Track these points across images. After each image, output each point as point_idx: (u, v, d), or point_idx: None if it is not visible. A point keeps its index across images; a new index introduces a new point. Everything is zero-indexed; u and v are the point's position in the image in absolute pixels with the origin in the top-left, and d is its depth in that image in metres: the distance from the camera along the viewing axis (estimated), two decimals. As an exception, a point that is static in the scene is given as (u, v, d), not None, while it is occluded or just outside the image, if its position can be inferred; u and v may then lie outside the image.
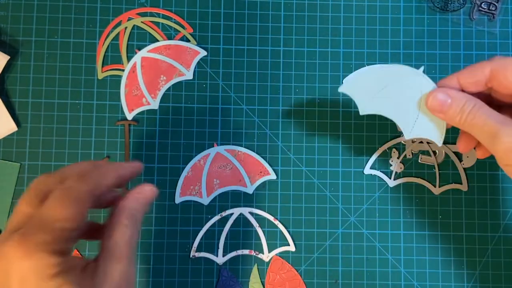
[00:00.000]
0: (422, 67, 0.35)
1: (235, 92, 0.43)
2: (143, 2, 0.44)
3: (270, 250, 0.42)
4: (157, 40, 0.43)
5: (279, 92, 0.43)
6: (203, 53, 0.43)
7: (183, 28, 0.44)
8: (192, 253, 0.42)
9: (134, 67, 0.43)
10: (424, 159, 0.43)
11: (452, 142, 0.43)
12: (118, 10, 0.44)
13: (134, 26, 0.44)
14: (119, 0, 0.44)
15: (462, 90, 0.33)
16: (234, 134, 0.43)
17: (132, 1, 0.44)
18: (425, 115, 0.35)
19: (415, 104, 0.35)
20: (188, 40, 0.44)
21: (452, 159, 0.43)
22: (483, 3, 0.44)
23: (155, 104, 0.43)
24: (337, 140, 0.43)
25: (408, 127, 0.36)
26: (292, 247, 0.42)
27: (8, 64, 0.42)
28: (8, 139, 0.42)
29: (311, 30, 0.44)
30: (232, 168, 0.43)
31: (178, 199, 0.42)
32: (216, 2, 0.44)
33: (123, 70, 0.43)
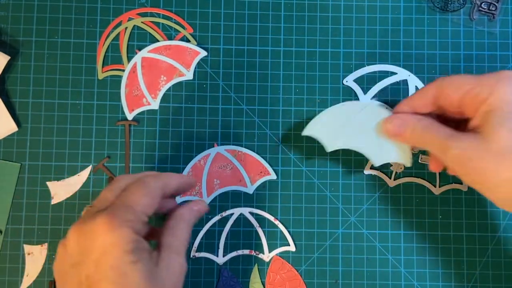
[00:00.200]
0: (374, 98, 0.38)
1: (235, 92, 0.43)
2: (144, 2, 0.44)
3: (270, 250, 0.42)
4: (157, 40, 0.44)
5: (279, 92, 0.43)
6: (203, 53, 0.43)
7: (183, 28, 0.44)
8: (192, 253, 0.42)
9: (135, 67, 0.43)
10: (424, 159, 0.43)
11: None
12: (118, 10, 0.44)
13: (135, 26, 0.44)
14: (120, 1, 0.44)
15: (416, 112, 0.36)
16: (234, 134, 0.43)
17: (132, 1, 0.44)
18: (388, 140, 0.38)
19: (377, 132, 0.38)
20: (188, 40, 0.44)
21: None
22: (483, 3, 0.44)
23: (155, 104, 0.43)
24: (337, 140, 0.43)
25: (375, 155, 0.38)
26: (292, 247, 0.42)
27: (9, 64, 0.42)
28: (9, 139, 0.42)
29: (311, 30, 0.44)
30: (233, 168, 0.43)
31: (179, 199, 0.42)
32: (216, 2, 0.44)
33: (124, 70, 0.43)
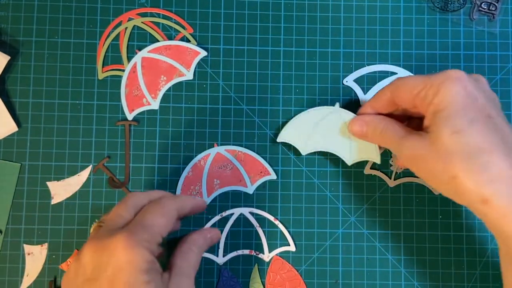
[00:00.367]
0: (337, 103, 0.41)
1: (236, 92, 0.43)
2: (144, 2, 0.44)
3: (270, 250, 0.42)
4: (157, 41, 0.44)
5: (279, 92, 0.43)
6: (203, 53, 0.43)
7: (184, 28, 0.44)
8: (192, 253, 0.42)
9: (135, 67, 0.43)
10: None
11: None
12: (118, 10, 0.44)
13: (135, 26, 0.44)
14: (120, 1, 0.44)
15: (378, 113, 0.38)
16: (234, 134, 0.43)
17: (132, 1, 0.44)
18: (356, 141, 0.40)
19: (345, 134, 0.40)
20: (188, 41, 0.44)
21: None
22: (483, 3, 0.44)
23: (155, 105, 0.43)
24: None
25: (347, 155, 0.41)
26: (292, 247, 0.42)
27: (9, 65, 0.42)
28: (9, 139, 0.42)
29: (311, 30, 0.44)
30: (233, 168, 0.43)
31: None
32: (216, 2, 0.44)
33: (124, 71, 0.43)
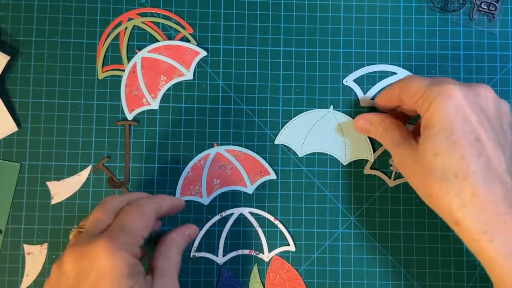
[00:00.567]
0: (331, 106, 0.42)
1: (235, 92, 0.43)
2: (144, 2, 0.44)
3: (270, 250, 0.42)
4: (157, 40, 0.44)
5: (279, 92, 0.43)
6: (203, 53, 0.43)
7: (183, 28, 0.44)
8: (192, 253, 0.42)
9: (135, 67, 0.43)
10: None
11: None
12: (118, 10, 0.44)
13: (134, 26, 0.44)
14: (120, 1, 0.44)
15: (388, 105, 0.40)
16: (234, 134, 0.43)
17: (132, 1, 0.44)
18: (350, 140, 0.42)
19: (339, 134, 0.42)
20: (188, 41, 0.44)
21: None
22: (483, 3, 0.44)
23: (155, 104, 0.43)
24: (337, 140, 0.43)
25: (342, 155, 0.42)
26: (292, 247, 0.42)
27: (9, 64, 0.42)
28: (9, 139, 0.42)
29: (311, 30, 0.44)
30: (232, 168, 0.43)
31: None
32: (216, 2, 0.44)
33: (123, 70, 0.43)
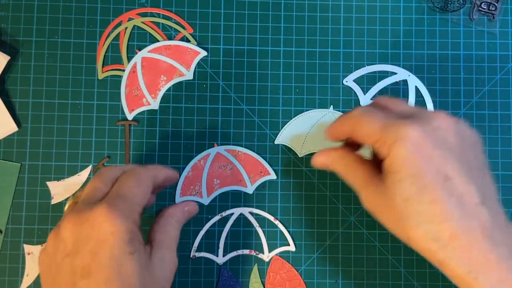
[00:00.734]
0: (331, 106, 0.42)
1: (235, 92, 0.43)
2: (144, 2, 0.44)
3: (270, 250, 0.42)
4: (157, 40, 0.44)
5: (279, 92, 0.43)
6: (203, 53, 0.43)
7: (184, 28, 0.44)
8: (192, 253, 0.42)
9: (135, 67, 0.43)
10: None
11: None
12: (118, 10, 0.44)
13: (135, 26, 0.44)
14: (120, 1, 0.44)
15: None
16: (234, 134, 0.43)
17: (132, 1, 0.44)
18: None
19: None
20: (188, 41, 0.44)
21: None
22: (483, 3, 0.44)
23: (155, 104, 0.43)
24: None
25: None
26: (292, 247, 0.42)
27: (9, 65, 0.42)
28: (9, 139, 0.42)
29: (311, 30, 0.44)
30: (232, 168, 0.43)
31: (179, 199, 0.42)
32: (216, 2, 0.44)
33: (124, 70, 0.43)
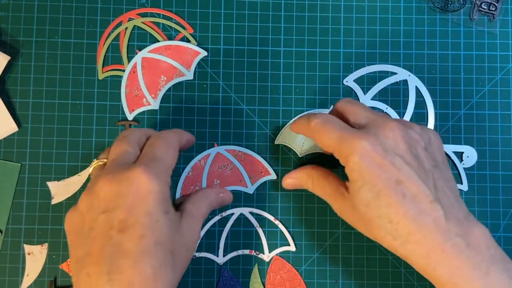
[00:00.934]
0: (331, 107, 0.41)
1: (236, 92, 0.43)
2: (144, 2, 0.44)
3: (270, 250, 0.42)
4: (157, 41, 0.44)
5: (279, 92, 0.43)
6: (203, 53, 0.43)
7: (184, 28, 0.44)
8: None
9: (135, 67, 0.43)
10: None
11: (452, 143, 0.43)
12: (118, 10, 0.44)
13: (135, 26, 0.44)
14: (120, 1, 0.44)
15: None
16: (234, 134, 0.43)
17: (132, 1, 0.44)
18: None
19: None
20: (188, 41, 0.44)
21: (452, 159, 0.43)
22: (483, 4, 0.44)
23: (155, 105, 0.43)
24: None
25: None
26: (292, 247, 0.42)
27: (9, 65, 0.42)
28: (9, 139, 0.42)
29: (312, 31, 0.44)
30: (233, 168, 0.43)
31: (179, 200, 0.42)
32: (217, 2, 0.44)
33: (124, 71, 0.43)
